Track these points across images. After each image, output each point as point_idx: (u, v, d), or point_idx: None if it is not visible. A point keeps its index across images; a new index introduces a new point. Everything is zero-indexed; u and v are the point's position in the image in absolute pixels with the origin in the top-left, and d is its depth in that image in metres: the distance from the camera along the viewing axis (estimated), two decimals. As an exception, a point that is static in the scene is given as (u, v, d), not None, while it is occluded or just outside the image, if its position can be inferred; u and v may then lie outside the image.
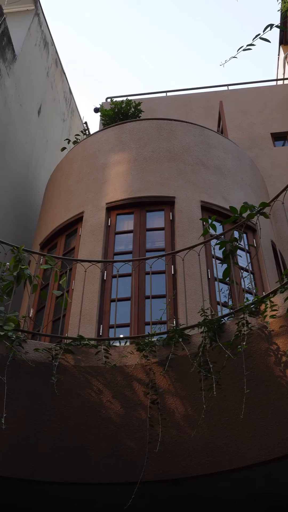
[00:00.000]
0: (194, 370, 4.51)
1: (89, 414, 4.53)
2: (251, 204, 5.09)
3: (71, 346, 4.88)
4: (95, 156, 8.50)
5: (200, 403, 4.40)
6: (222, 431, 4.30)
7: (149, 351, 4.74)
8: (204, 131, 8.85)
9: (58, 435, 4.44)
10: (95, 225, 7.35)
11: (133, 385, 4.61)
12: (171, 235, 7.12)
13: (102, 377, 4.67)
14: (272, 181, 10.13)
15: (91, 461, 4.35)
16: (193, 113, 12.34)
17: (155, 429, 4.38)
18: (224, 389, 4.40)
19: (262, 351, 4.43)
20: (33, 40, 12.45)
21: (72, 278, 6.91)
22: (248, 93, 12.74)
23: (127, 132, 8.68)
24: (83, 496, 4.54)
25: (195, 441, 4.32)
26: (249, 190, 8.35)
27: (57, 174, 9.12)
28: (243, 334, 4.45)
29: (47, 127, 13.10)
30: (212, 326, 4.68)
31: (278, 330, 4.43)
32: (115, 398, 4.57)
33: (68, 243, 7.68)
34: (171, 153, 8.21)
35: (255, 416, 4.25)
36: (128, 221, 7.48)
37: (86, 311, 6.32)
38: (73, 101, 15.38)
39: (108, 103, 12.65)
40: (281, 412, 4.19)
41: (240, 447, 4.19)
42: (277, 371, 4.32)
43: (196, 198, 7.54)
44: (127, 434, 4.42)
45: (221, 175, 8.15)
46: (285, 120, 11.74)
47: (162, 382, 4.60)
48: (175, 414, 4.45)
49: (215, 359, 4.50)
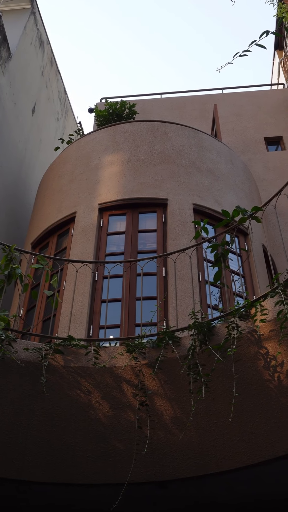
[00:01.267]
0: (184, 372, 4.52)
1: (78, 415, 4.52)
2: (243, 208, 5.10)
3: (61, 346, 4.88)
4: (89, 157, 8.50)
5: (189, 405, 4.41)
6: (210, 433, 4.31)
7: (139, 353, 4.74)
8: (198, 134, 8.88)
9: (46, 435, 4.43)
10: (87, 226, 7.35)
11: (122, 387, 4.61)
12: (163, 237, 7.13)
13: (92, 378, 4.67)
14: (265, 185, 10.17)
15: (79, 462, 4.35)
16: (187, 116, 12.37)
17: (144, 431, 4.38)
18: (213, 392, 4.41)
19: (251, 354, 4.45)
20: (29, 38, 12.43)
21: (63, 278, 6.90)
22: (243, 97, 12.79)
23: (121, 133, 8.68)
24: (70, 497, 4.54)
25: (183, 443, 4.33)
26: (242, 194, 8.38)
27: (50, 173, 9.10)
28: (233, 337, 4.47)
29: (41, 126, 13.08)
30: (202, 329, 4.69)
31: (267, 334, 4.45)
32: (104, 399, 4.57)
33: (59, 243, 7.67)
34: (164, 155, 8.22)
35: (243, 419, 4.27)
36: (120, 222, 7.48)
37: (76, 312, 6.32)
38: (68, 101, 15.36)
39: (102, 103, 12.66)
40: (269, 415, 4.20)
41: (228, 450, 4.20)
42: (266, 375, 4.34)
43: (188, 201, 7.56)
44: (115, 435, 4.42)
45: (214, 178, 8.17)
46: (278, 125, 11.79)
47: (151, 384, 4.60)
48: (164, 416, 4.46)
49: (204, 362, 4.51)
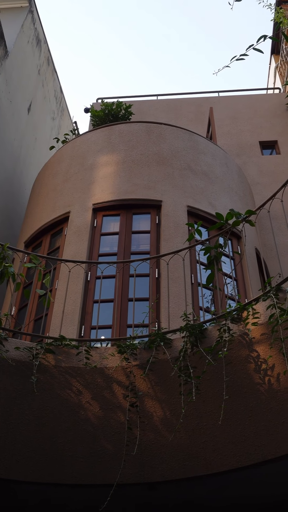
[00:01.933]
0: (174, 374, 4.52)
1: (68, 415, 4.52)
2: (237, 211, 5.11)
3: (52, 346, 4.87)
4: (84, 156, 8.49)
5: (179, 407, 4.41)
6: (200, 436, 4.31)
7: (130, 354, 4.74)
8: (193, 136, 8.89)
9: (35, 435, 4.42)
10: (81, 226, 7.34)
11: (113, 387, 4.61)
12: (156, 239, 7.13)
13: (82, 378, 4.67)
14: (259, 189, 10.19)
15: (68, 462, 4.34)
16: (183, 118, 12.38)
17: (133, 432, 4.38)
18: (203, 394, 4.42)
19: (242, 358, 4.46)
20: (26, 37, 12.41)
21: (56, 278, 6.89)
22: (239, 101, 12.82)
23: (116, 134, 8.68)
24: (58, 497, 4.53)
25: (172, 445, 4.33)
26: (236, 197, 8.40)
27: (44, 172, 9.09)
28: (224, 340, 4.48)
29: (37, 125, 13.06)
30: (194, 331, 4.69)
31: (259, 338, 4.46)
32: (94, 400, 4.57)
33: (53, 243, 7.65)
34: (159, 156, 8.23)
35: (233, 422, 4.28)
36: (114, 222, 7.48)
37: (68, 311, 6.31)
38: (64, 100, 15.35)
39: (98, 104, 12.65)
40: (259, 419, 4.22)
41: (218, 453, 4.21)
42: (257, 378, 4.35)
43: (182, 203, 7.57)
44: (105, 436, 4.42)
45: (208, 181, 8.19)
46: (273, 129, 11.83)
47: (142, 385, 4.60)
48: (154, 417, 4.46)
49: (195, 364, 4.52)
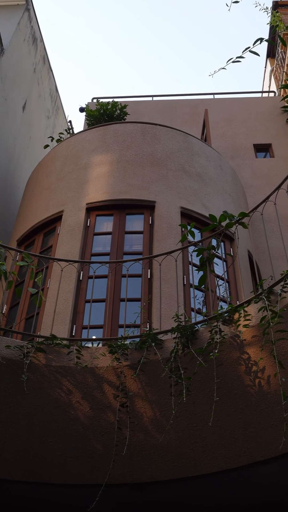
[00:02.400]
0: (165, 375, 4.52)
1: (58, 414, 4.50)
2: (230, 213, 5.12)
3: (43, 344, 4.86)
4: (78, 156, 8.48)
5: (169, 408, 4.41)
6: (190, 437, 4.32)
7: (121, 354, 4.74)
8: (188, 138, 8.90)
9: (25, 434, 4.41)
10: (74, 225, 7.33)
11: (103, 387, 4.61)
12: (149, 239, 7.13)
13: (73, 377, 4.66)
14: (252, 191, 10.22)
15: (57, 462, 4.33)
16: (178, 119, 12.39)
17: (123, 432, 4.37)
18: (193, 395, 4.42)
19: (233, 359, 4.47)
20: (22, 35, 12.37)
21: (48, 277, 6.87)
22: (234, 103, 12.85)
23: (111, 134, 8.68)
24: (46, 497, 4.52)
25: (162, 446, 4.33)
26: (229, 199, 8.42)
27: (38, 171, 9.07)
28: (216, 341, 4.48)
29: (31, 123, 13.02)
30: (185, 332, 4.70)
31: (250, 340, 4.47)
32: (85, 399, 4.56)
33: (45, 241, 7.64)
34: (154, 157, 8.23)
35: (222, 423, 4.28)
36: (107, 222, 7.47)
37: (60, 311, 6.30)
38: (59, 99, 15.32)
39: (94, 103, 12.64)
40: (249, 421, 4.22)
41: (207, 454, 4.21)
42: (247, 380, 4.36)
43: (176, 204, 7.57)
44: (95, 436, 4.41)
45: (202, 182, 8.20)
46: (268, 132, 11.86)
47: (133, 385, 4.60)
48: (144, 418, 4.46)
49: (186, 365, 4.52)
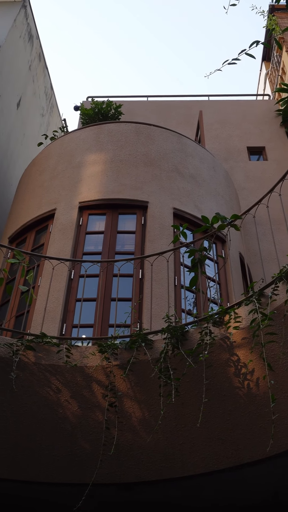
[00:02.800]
0: (155, 375, 4.52)
1: (46, 413, 4.49)
2: (223, 215, 5.13)
3: (33, 343, 4.84)
4: (72, 154, 8.47)
5: (158, 408, 4.41)
6: (178, 438, 4.32)
7: (111, 354, 4.74)
8: (182, 139, 8.91)
9: (12, 432, 4.39)
10: (66, 223, 7.31)
11: (92, 386, 4.60)
12: (141, 239, 7.13)
13: (62, 376, 4.65)
14: (245, 194, 10.24)
15: (44, 460, 4.32)
16: (172, 120, 12.40)
17: (111, 432, 4.37)
18: (182, 396, 4.42)
19: (222, 361, 4.48)
20: (18, 32, 12.34)
21: (39, 275, 6.86)
22: (228, 106, 12.87)
23: (105, 133, 8.67)
24: (33, 495, 4.51)
25: (150, 446, 4.33)
26: (222, 201, 8.43)
27: (32, 168, 9.04)
28: (206, 343, 4.49)
29: (26, 121, 12.99)
30: (175, 333, 4.70)
31: (240, 342, 4.48)
32: (73, 398, 4.55)
33: (37, 239, 7.62)
34: (147, 157, 8.23)
35: (211, 425, 4.29)
36: (99, 222, 7.46)
37: (50, 309, 6.28)
38: (54, 97, 15.28)
39: (89, 102, 12.63)
40: (237, 422, 4.24)
41: (195, 455, 4.22)
42: (236, 382, 4.37)
43: (169, 205, 7.58)
44: (83, 435, 4.41)
45: (195, 184, 8.21)
46: (262, 135, 11.90)
47: (122, 385, 4.60)
48: (132, 418, 4.46)
49: (176, 366, 4.52)
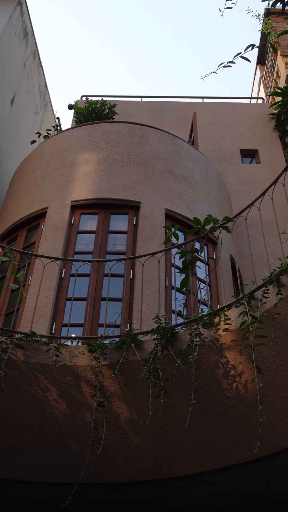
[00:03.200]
0: (144, 376, 4.53)
1: (34, 411, 4.48)
2: (215, 217, 5.14)
3: (22, 341, 4.83)
4: (65, 153, 8.45)
5: (146, 409, 4.42)
6: (165, 439, 4.32)
7: (100, 353, 4.73)
8: (175, 140, 8.92)
9: (0, 430, 4.38)
10: (58, 222, 7.30)
11: (81, 386, 4.59)
12: (133, 240, 7.13)
13: (51, 375, 4.64)
14: (237, 196, 10.26)
15: (31, 459, 4.31)
16: (166, 121, 12.41)
17: (99, 432, 4.37)
18: (171, 397, 4.43)
19: (211, 363, 4.49)
20: (13, 29, 12.30)
21: (30, 273, 6.84)
22: (222, 108, 12.89)
23: (99, 133, 8.66)
24: (19, 494, 4.49)
25: (137, 446, 4.33)
26: (214, 203, 8.45)
27: (24, 166, 9.02)
28: (195, 344, 4.50)
29: (19, 118, 12.94)
30: (165, 334, 4.71)
31: (229, 344, 4.49)
32: (62, 398, 4.54)
33: (28, 237, 7.60)
34: (140, 158, 8.23)
35: (199, 426, 4.30)
36: (91, 221, 7.46)
37: (40, 307, 6.26)
38: (48, 96, 15.25)
39: (83, 101, 12.60)
40: (225, 424, 4.24)
41: (182, 456, 4.23)
42: (225, 384, 4.38)
43: (161, 206, 7.58)
44: (70, 435, 4.40)
45: (188, 185, 8.22)
46: (255, 138, 11.93)
47: (111, 385, 4.60)
48: (121, 418, 4.46)
49: (165, 367, 4.53)
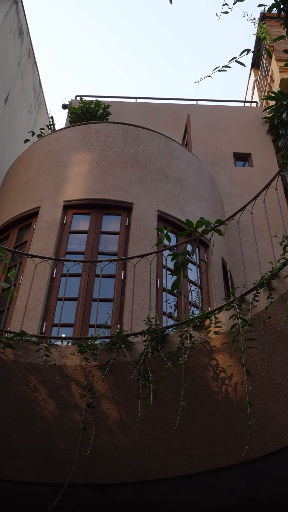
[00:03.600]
0: (134, 377, 4.53)
1: (23, 411, 4.47)
2: (207, 220, 5.16)
3: (12, 340, 4.82)
4: (58, 153, 8.44)
5: (136, 410, 4.42)
6: (154, 440, 4.33)
7: (91, 354, 4.73)
8: (169, 142, 8.93)
9: (-12, 430, 4.37)
10: (50, 222, 7.29)
11: (70, 386, 4.59)
12: (125, 241, 7.13)
13: (40, 375, 4.63)
14: (230, 199, 10.29)
15: (20, 459, 4.30)
16: (160, 123, 12.42)
17: (88, 433, 4.36)
18: (160, 399, 4.43)
19: (201, 365, 4.50)
20: (9, 27, 12.26)
21: (21, 272, 6.82)
22: (216, 111, 12.92)
23: (93, 133, 8.66)
24: (7, 494, 4.48)
25: (126, 448, 4.33)
26: (206, 205, 8.47)
27: (17, 165, 8.99)
28: (185, 346, 4.51)
29: (13, 117, 12.91)
30: (155, 336, 4.71)
31: (219, 347, 4.50)
32: (51, 398, 4.54)
33: (20, 237, 7.58)
34: (134, 159, 8.24)
35: (187, 428, 4.30)
36: (84, 221, 7.45)
37: (31, 307, 6.25)
38: (42, 95, 15.21)
39: (77, 101, 12.58)
40: (214, 427, 4.26)
41: (170, 458, 4.23)
42: (214, 386, 4.39)
43: (153, 207, 7.59)
44: (59, 435, 4.40)
45: (180, 187, 8.23)
46: (248, 141, 11.97)
47: (100, 386, 4.60)
48: (110, 419, 4.46)
49: (155, 369, 4.53)
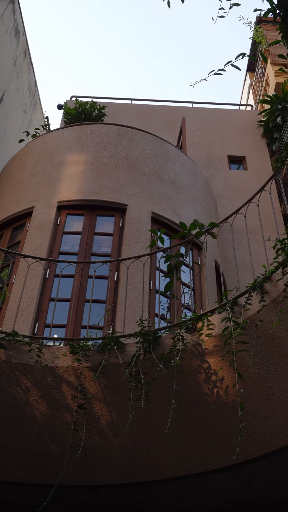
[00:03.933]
0: (125, 379, 4.52)
1: (14, 412, 4.46)
2: (201, 223, 5.17)
3: (4, 340, 4.81)
4: (53, 153, 8.43)
5: (127, 412, 4.41)
6: (145, 442, 4.33)
7: (83, 355, 4.73)
8: (163, 144, 8.94)
9: (-21, 430, 4.35)
10: (43, 222, 7.28)
11: (62, 387, 4.58)
12: (118, 242, 7.13)
13: (32, 375, 4.62)
14: (224, 202, 10.31)
15: (10, 459, 4.29)
16: (155, 125, 12.43)
17: (79, 434, 4.36)
18: (152, 401, 4.43)
19: (193, 367, 4.50)
20: (5, 27, 12.25)
21: (14, 272, 6.80)
22: (211, 114, 12.95)
23: (88, 134, 8.65)
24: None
25: (117, 449, 4.33)
26: (200, 208, 8.49)
27: (12, 165, 8.97)
28: (178, 349, 4.51)
29: (8, 116, 12.89)
30: (148, 338, 4.72)
31: (211, 349, 4.51)
32: (42, 398, 4.53)
33: (13, 237, 7.56)
34: (128, 161, 8.24)
35: (178, 430, 4.31)
36: (77, 222, 7.44)
37: (23, 307, 6.23)
38: (37, 95, 15.20)
39: (72, 101, 12.57)
40: (204, 429, 4.26)
41: (161, 460, 4.24)
42: (206, 389, 4.39)
43: (147, 209, 7.60)
44: (50, 436, 4.39)
45: (175, 189, 8.25)
46: (243, 145, 12.01)
47: (92, 387, 4.59)
48: (101, 420, 4.45)
49: (147, 370, 4.53)
